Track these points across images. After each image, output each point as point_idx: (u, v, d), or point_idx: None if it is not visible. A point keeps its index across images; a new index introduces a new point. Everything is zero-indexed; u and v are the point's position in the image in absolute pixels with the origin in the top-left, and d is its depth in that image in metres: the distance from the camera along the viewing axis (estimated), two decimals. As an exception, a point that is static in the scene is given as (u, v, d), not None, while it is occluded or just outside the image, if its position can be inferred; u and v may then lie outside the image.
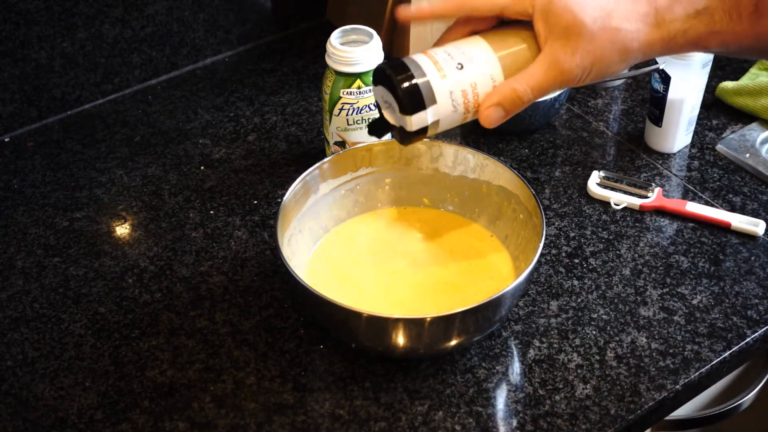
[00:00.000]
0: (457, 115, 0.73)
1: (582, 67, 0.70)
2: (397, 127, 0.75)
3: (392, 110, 0.74)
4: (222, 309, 0.92)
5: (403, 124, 0.73)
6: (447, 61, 0.72)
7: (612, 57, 0.70)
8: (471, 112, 0.73)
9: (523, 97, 0.71)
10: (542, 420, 0.81)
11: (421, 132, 0.73)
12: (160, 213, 1.04)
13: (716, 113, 1.17)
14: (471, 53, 0.72)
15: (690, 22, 0.70)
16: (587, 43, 0.69)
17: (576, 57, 0.70)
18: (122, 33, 1.18)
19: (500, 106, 0.71)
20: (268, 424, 0.81)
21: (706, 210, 1.01)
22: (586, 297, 0.93)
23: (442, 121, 0.73)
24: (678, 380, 0.85)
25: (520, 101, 0.71)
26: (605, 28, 0.69)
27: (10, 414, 0.83)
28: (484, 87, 0.72)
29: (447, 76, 0.71)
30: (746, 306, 0.92)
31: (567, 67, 0.70)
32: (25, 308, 0.93)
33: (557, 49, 0.70)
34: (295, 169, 1.09)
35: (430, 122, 0.72)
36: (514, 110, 0.72)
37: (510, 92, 0.71)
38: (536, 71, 0.71)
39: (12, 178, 1.09)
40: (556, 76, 0.70)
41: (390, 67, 0.72)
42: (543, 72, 0.70)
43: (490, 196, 0.95)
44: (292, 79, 1.25)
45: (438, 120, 0.72)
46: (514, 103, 0.71)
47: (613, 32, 0.69)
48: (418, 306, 0.88)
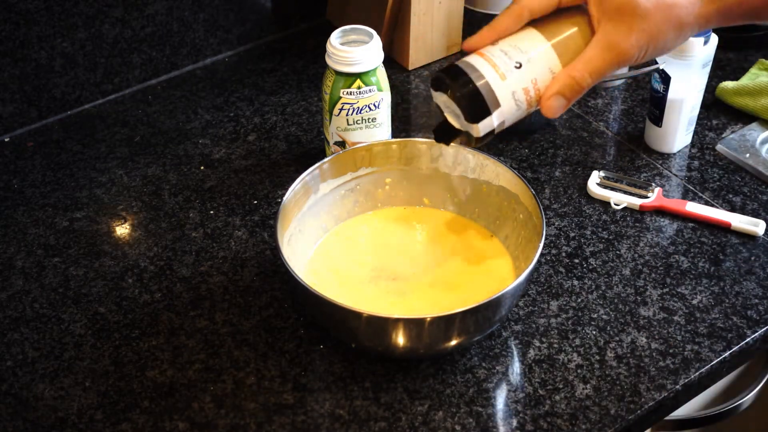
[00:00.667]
0: (521, 111, 0.73)
1: (638, 47, 0.69)
2: (463, 131, 0.75)
3: (456, 116, 0.74)
4: (222, 309, 0.92)
5: (469, 130, 0.73)
6: (505, 61, 0.71)
7: (668, 33, 0.70)
8: (534, 106, 0.73)
9: (582, 83, 0.71)
10: (542, 420, 0.81)
11: (489, 134, 0.73)
12: (160, 213, 1.04)
13: (716, 113, 1.17)
14: (527, 49, 0.71)
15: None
16: (641, 22, 0.68)
17: (632, 37, 0.69)
18: (122, 33, 1.18)
19: (561, 95, 0.71)
20: (268, 424, 0.81)
21: (706, 210, 1.01)
22: (586, 297, 0.93)
23: (507, 120, 0.73)
24: (678, 380, 0.85)
25: (580, 87, 0.71)
26: (659, 5, 0.68)
27: (10, 414, 0.83)
28: (544, 80, 0.72)
29: (507, 78, 0.71)
30: (746, 306, 0.92)
31: (623, 47, 0.69)
32: (25, 308, 0.93)
33: (611, 30, 0.69)
34: (295, 169, 1.09)
35: (496, 125, 0.72)
36: (575, 97, 0.72)
37: (569, 80, 0.71)
38: (592, 56, 0.70)
39: (12, 178, 1.09)
40: (613, 58, 0.70)
41: (449, 75, 0.72)
42: (599, 55, 0.70)
43: (490, 196, 0.95)
44: (292, 79, 1.25)
45: (504, 120, 0.73)
46: (574, 90, 0.71)
47: (667, 9, 0.69)
48: (418, 306, 0.88)
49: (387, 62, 1.05)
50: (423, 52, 1.25)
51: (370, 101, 0.99)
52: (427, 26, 1.23)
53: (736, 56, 1.26)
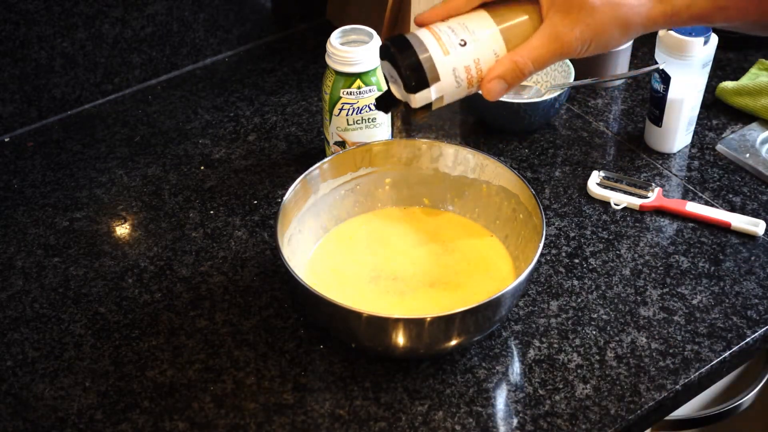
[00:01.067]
0: (461, 89, 0.73)
1: (581, 41, 0.70)
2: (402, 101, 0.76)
3: (398, 85, 0.75)
4: (222, 309, 0.92)
5: (408, 101, 0.74)
6: (450, 37, 0.72)
7: (612, 31, 0.71)
8: (474, 86, 0.74)
9: (524, 69, 0.72)
10: (542, 420, 0.81)
11: (425, 107, 0.74)
12: (160, 213, 1.04)
13: (716, 113, 1.17)
14: (474, 29, 0.72)
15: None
16: (587, 17, 0.70)
17: (575, 30, 0.70)
18: (122, 33, 1.18)
19: (502, 79, 0.72)
20: (268, 424, 0.81)
21: (706, 210, 1.01)
22: (586, 297, 0.93)
23: (446, 97, 0.74)
24: (678, 380, 0.85)
25: (521, 73, 0.72)
26: (607, 2, 0.69)
27: (10, 414, 0.83)
28: (487, 61, 0.73)
29: (450, 53, 0.72)
30: (746, 306, 0.92)
31: (566, 39, 0.70)
32: (25, 308, 0.93)
33: (557, 21, 0.70)
34: (295, 169, 1.09)
35: (434, 98, 0.73)
36: (515, 82, 0.73)
37: (511, 64, 0.71)
38: (537, 44, 0.71)
39: (12, 178, 1.09)
40: (555, 49, 0.71)
41: (394, 44, 0.73)
42: (543, 44, 0.71)
43: (490, 196, 0.95)
44: (292, 79, 1.25)
45: (442, 96, 0.73)
46: (516, 75, 0.72)
47: (615, 6, 0.70)
48: (418, 306, 0.88)
49: (387, 62, 1.05)
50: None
51: (370, 101, 0.99)
52: (427, 26, 1.22)
53: (736, 56, 1.26)
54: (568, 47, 0.71)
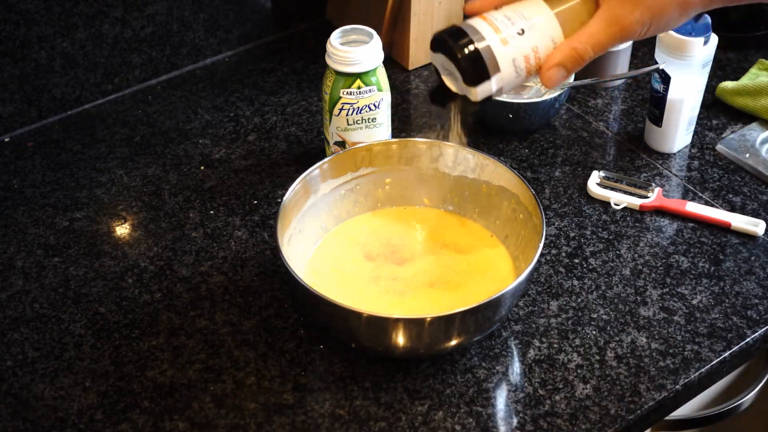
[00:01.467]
0: (520, 79, 0.72)
1: (641, 23, 0.69)
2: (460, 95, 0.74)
3: (454, 78, 0.73)
4: (222, 309, 0.92)
5: (467, 93, 0.72)
6: (507, 26, 0.71)
7: (672, 11, 0.69)
8: (533, 74, 0.73)
9: (584, 55, 0.70)
10: (542, 420, 0.81)
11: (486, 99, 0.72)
12: (160, 213, 1.04)
13: (716, 113, 1.17)
14: (530, 16, 0.71)
15: None
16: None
17: (635, 13, 0.69)
18: (122, 33, 1.18)
19: (562, 66, 0.71)
20: (268, 424, 0.81)
21: (706, 210, 1.01)
22: (586, 297, 0.93)
23: (505, 87, 0.72)
24: (678, 380, 0.85)
25: (581, 59, 0.71)
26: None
27: (10, 414, 0.83)
28: (545, 49, 0.71)
29: (509, 43, 0.70)
30: (746, 306, 0.92)
31: (626, 22, 0.69)
32: (25, 308, 0.93)
33: (615, 5, 0.69)
34: (295, 169, 1.09)
35: (495, 90, 0.72)
36: (575, 69, 0.72)
37: (571, 51, 0.70)
38: (595, 29, 0.70)
39: (12, 178, 1.09)
40: (615, 33, 0.70)
41: (451, 35, 0.71)
42: (602, 29, 0.70)
43: (490, 196, 0.95)
44: (292, 79, 1.25)
45: (502, 87, 0.72)
46: (576, 61, 0.71)
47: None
48: (418, 306, 0.88)
49: (387, 62, 1.06)
50: (423, 52, 1.25)
51: (370, 101, 0.99)
52: (427, 26, 1.23)
53: (736, 56, 1.26)
54: (628, 30, 0.69)
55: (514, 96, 1.11)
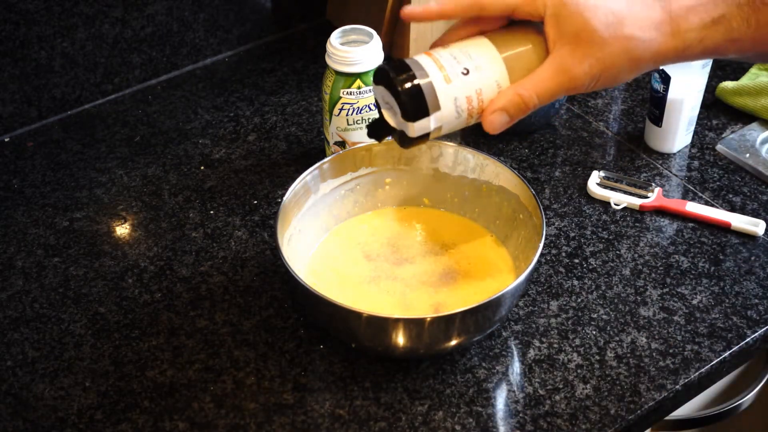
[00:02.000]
0: (460, 120, 0.71)
1: (591, 75, 0.68)
2: (397, 130, 0.73)
3: (393, 112, 0.72)
4: (222, 309, 0.92)
5: (404, 129, 0.71)
6: (452, 65, 0.69)
7: (622, 66, 0.68)
8: (474, 117, 0.71)
9: (528, 102, 0.69)
10: (542, 420, 0.81)
11: (423, 137, 0.71)
12: (160, 213, 1.04)
13: (716, 113, 1.17)
14: (477, 57, 0.70)
15: (706, 31, 0.68)
16: (597, 51, 0.67)
17: (584, 64, 0.68)
18: (122, 33, 1.18)
19: (505, 112, 0.70)
20: (268, 424, 0.81)
21: (706, 210, 1.01)
22: (586, 297, 0.93)
23: (445, 127, 0.71)
24: (678, 380, 0.85)
25: (525, 107, 0.69)
26: (617, 36, 0.67)
27: (10, 414, 0.83)
28: (490, 93, 0.70)
29: (452, 82, 0.69)
30: (746, 306, 0.92)
31: (575, 73, 0.68)
32: (25, 308, 0.93)
33: (566, 54, 0.68)
34: (295, 169, 1.09)
35: (433, 128, 0.70)
36: (518, 115, 0.70)
37: (515, 97, 0.69)
38: (543, 76, 0.69)
39: (12, 178, 1.09)
40: (563, 83, 0.68)
41: (393, 69, 0.69)
42: (550, 77, 0.68)
43: (490, 196, 0.95)
44: (292, 79, 1.25)
45: (441, 126, 0.70)
46: (519, 108, 0.70)
47: (625, 41, 0.67)
48: (418, 306, 0.88)
49: (387, 62, 1.06)
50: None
51: (370, 101, 0.99)
52: (427, 26, 1.23)
53: (736, 56, 1.26)
54: (576, 81, 0.68)
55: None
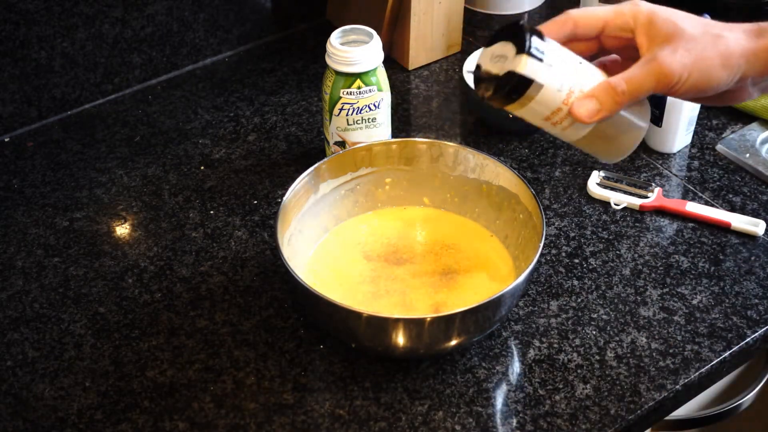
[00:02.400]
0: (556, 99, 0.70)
1: (682, 64, 0.68)
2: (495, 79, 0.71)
3: (502, 60, 0.70)
4: (222, 309, 0.92)
5: (513, 67, 0.69)
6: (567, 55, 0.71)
7: (714, 59, 0.69)
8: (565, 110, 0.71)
9: (617, 87, 0.69)
10: (542, 420, 0.81)
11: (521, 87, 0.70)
12: (160, 213, 1.04)
13: (716, 113, 1.17)
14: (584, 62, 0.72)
15: None
16: (688, 42, 0.69)
17: (676, 54, 0.68)
18: (122, 33, 1.18)
19: (594, 98, 0.70)
20: (268, 424, 0.81)
21: (706, 210, 1.01)
22: (586, 297, 0.93)
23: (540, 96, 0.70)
24: (678, 380, 0.85)
25: (614, 92, 0.69)
26: (707, 33, 0.69)
27: (10, 414, 0.83)
28: None
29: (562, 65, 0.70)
30: (746, 306, 0.92)
31: (666, 62, 0.68)
32: (25, 308, 0.93)
33: (655, 47, 0.69)
34: (295, 169, 1.09)
35: (537, 78, 0.69)
36: (608, 102, 0.70)
37: (605, 85, 0.70)
38: (635, 69, 0.70)
39: (12, 178, 1.09)
40: (654, 71, 0.69)
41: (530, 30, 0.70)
42: (641, 68, 0.69)
43: (490, 196, 0.95)
44: (292, 79, 1.25)
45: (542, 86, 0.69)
46: (608, 93, 0.69)
47: (715, 36, 0.69)
48: (418, 306, 0.88)
49: (387, 62, 1.06)
50: (423, 52, 1.25)
51: (370, 101, 0.99)
52: (427, 26, 1.23)
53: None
54: (667, 71, 0.68)
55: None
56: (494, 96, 0.71)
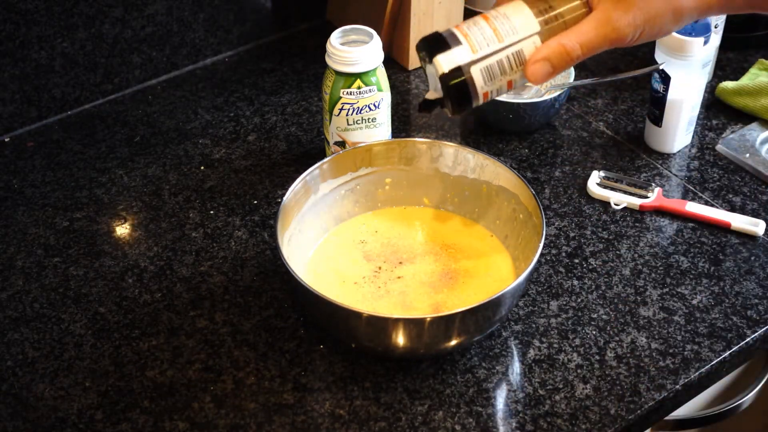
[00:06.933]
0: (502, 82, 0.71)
1: (634, 26, 0.68)
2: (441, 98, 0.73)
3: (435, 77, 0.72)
4: (222, 309, 0.92)
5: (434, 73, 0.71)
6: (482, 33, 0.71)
7: (665, 16, 0.68)
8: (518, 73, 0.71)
9: (571, 52, 0.69)
10: (542, 420, 0.81)
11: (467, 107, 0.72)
12: (160, 213, 1.04)
13: (716, 113, 1.17)
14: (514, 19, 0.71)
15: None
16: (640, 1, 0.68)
17: (628, 15, 0.68)
18: (122, 33, 1.18)
19: (547, 61, 0.69)
20: (268, 424, 0.81)
21: (706, 210, 1.01)
22: (586, 297, 0.93)
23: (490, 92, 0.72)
24: (678, 380, 0.85)
25: (569, 57, 0.69)
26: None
27: (10, 414, 0.83)
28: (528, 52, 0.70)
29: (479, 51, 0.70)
30: (746, 306, 0.92)
31: (619, 24, 0.68)
32: (25, 308, 0.93)
33: (609, 7, 0.68)
34: (295, 169, 1.09)
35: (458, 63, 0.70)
36: (561, 66, 0.69)
37: (558, 47, 0.69)
38: (586, 28, 0.69)
39: (12, 178, 1.09)
40: (607, 34, 0.68)
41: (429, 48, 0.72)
42: (593, 28, 0.68)
43: (490, 196, 0.95)
44: (292, 79, 1.25)
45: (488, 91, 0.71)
46: (562, 57, 0.69)
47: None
48: (418, 306, 0.88)
49: (387, 62, 1.06)
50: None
51: (370, 101, 0.99)
52: (427, 26, 1.23)
53: (736, 56, 1.26)
54: (620, 33, 0.68)
55: (514, 96, 1.11)
56: (452, 108, 0.73)
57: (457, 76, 0.71)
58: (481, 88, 0.71)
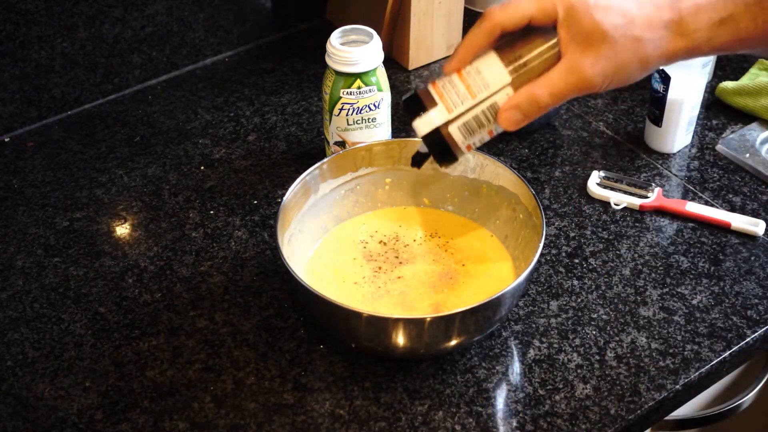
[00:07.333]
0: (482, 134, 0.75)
1: (603, 75, 0.70)
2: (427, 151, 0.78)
3: None
4: (222, 309, 0.92)
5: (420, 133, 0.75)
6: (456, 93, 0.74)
7: (632, 65, 0.70)
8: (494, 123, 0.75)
9: (539, 100, 0.71)
10: (542, 420, 0.81)
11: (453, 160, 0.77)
12: (160, 213, 1.04)
13: (716, 113, 1.17)
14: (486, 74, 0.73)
15: (715, 31, 0.69)
16: (608, 51, 0.69)
17: (597, 66, 0.70)
18: (122, 33, 1.18)
19: (517, 109, 0.72)
20: (268, 424, 0.81)
21: (706, 210, 1.01)
22: (586, 297, 0.93)
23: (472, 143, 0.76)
24: (678, 380, 0.85)
25: (537, 105, 0.71)
26: (626, 37, 0.69)
27: (10, 414, 0.83)
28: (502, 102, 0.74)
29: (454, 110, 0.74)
30: (746, 306, 0.92)
31: (588, 73, 0.70)
32: (25, 308, 0.93)
33: (578, 56, 0.70)
34: (295, 169, 1.09)
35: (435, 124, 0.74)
36: (532, 112, 0.72)
37: (528, 95, 0.71)
38: (555, 76, 0.71)
39: (12, 178, 1.09)
40: (575, 83, 0.70)
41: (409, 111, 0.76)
42: (562, 77, 0.70)
43: (490, 196, 0.95)
44: (292, 79, 1.25)
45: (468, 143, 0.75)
46: (531, 105, 0.72)
47: (635, 41, 0.69)
48: (418, 306, 0.88)
49: (387, 62, 1.06)
50: (423, 52, 1.25)
51: (370, 101, 0.99)
52: (427, 26, 1.23)
53: (736, 56, 1.26)
54: (588, 81, 0.70)
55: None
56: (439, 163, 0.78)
57: (437, 136, 0.75)
58: (462, 143, 0.76)
